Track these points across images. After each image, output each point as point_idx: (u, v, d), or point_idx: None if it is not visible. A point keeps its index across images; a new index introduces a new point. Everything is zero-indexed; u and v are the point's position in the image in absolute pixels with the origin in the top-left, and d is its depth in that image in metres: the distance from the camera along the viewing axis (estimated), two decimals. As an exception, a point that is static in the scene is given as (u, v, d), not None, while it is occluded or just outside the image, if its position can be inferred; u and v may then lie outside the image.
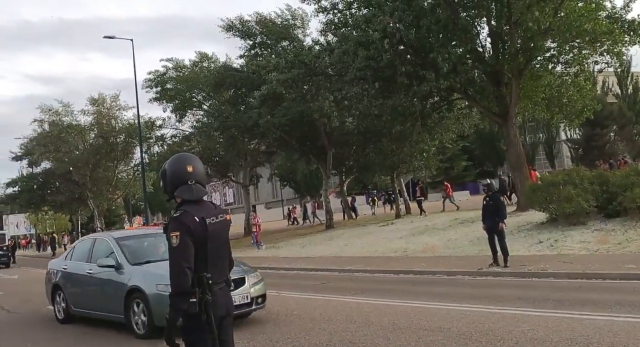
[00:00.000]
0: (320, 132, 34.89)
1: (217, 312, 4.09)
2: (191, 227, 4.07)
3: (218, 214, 4.29)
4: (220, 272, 4.22)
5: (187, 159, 4.42)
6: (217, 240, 4.21)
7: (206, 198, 4.45)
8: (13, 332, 11.26)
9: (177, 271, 4.00)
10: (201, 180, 4.36)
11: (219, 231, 4.25)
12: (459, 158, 64.13)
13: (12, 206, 69.53)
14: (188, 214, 4.12)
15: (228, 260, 4.41)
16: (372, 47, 23.97)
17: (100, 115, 48.81)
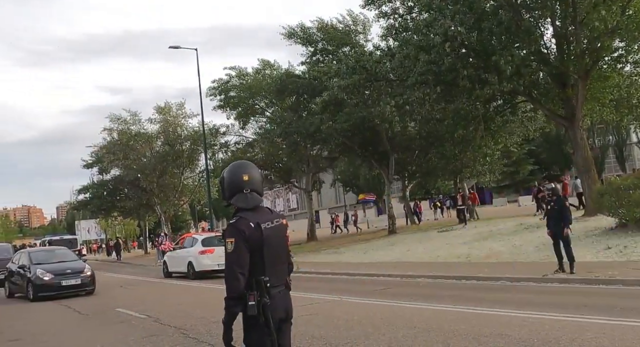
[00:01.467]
0: (382, 137, 34.82)
1: (276, 315, 4.19)
2: (246, 233, 4.18)
3: (274, 218, 4.37)
4: (278, 275, 4.32)
5: (244, 167, 4.52)
6: (273, 244, 4.29)
7: (265, 203, 4.56)
8: (84, 332, 11.66)
9: (230, 276, 4.13)
10: (257, 188, 4.44)
11: (274, 235, 4.32)
12: (524, 162, 62.91)
13: (84, 211, 71.86)
14: (243, 220, 4.24)
15: (287, 264, 4.49)
16: (434, 51, 23.82)
17: (166, 123, 49.96)
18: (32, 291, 19.05)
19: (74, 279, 19.43)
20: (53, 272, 19.28)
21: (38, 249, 25.99)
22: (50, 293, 18.94)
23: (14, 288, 21.13)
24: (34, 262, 20.00)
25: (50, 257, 21.13)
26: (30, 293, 19.19)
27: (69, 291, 19.29)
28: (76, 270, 19.93)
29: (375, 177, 51.72)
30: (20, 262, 20.86)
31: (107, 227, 78.26)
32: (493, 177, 39.31)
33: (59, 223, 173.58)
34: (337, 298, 13.69)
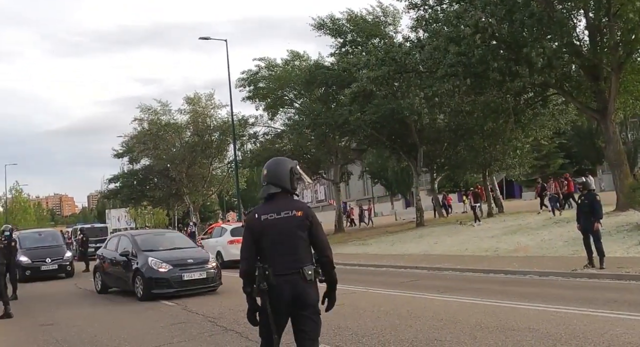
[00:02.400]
0: (411, 129, 34.67)
1: (280, 300, 4.55)
2: (250, 224, 4.74)
3: (282, 210, 4.68)
4: (285, 264, 4.58)
5: (267, 163, 4.97)
6: (274, 234, 4.63)
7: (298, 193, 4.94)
8: (114, 318, 11.86)
9: (240, 261, 4.79)
10: (273, 180, 4.79)
11: (277, 226, 4.64)
12: (555, 156, 62.10)
13: (114, 200, 72.79)
14: (252, 213, 4.81)
15: (301, 253, 4.68)
16: (464, 43, 23.62)
17: (195, 114, 50.30)
18: (142, 287, 14.55)
19: (197, 271, 14.81)
20: (171, 263, 14.66)
21: (144, 232, 22.19)
22: (167, 290, 14.30)
23: (110, 281, 16.84)
24: (143, 248, 15.48)
25: (162, 243, 16.47)
26: (139, 289, 14.68)
27: (193, 288, 14.61)
28: (199, 260, 15.28)
29: (403, 169, 51.53)
30: (120, 248, 16.27)
31: (136, 216, 79.14)
32: (523, 170, 38.93)
33: (89, 212, 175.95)
34: (363, 289, 13.72)
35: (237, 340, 8.74)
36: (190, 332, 9.73)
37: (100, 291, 16.93)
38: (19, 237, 23.96)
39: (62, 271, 24.00)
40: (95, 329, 10.69)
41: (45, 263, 23.27)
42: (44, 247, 24.24)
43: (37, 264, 23.07)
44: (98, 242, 38.56)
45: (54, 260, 23.52)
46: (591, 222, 13.61)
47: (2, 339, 10.56)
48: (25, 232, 28.08)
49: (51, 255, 23.74)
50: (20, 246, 22.66)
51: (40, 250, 23.85)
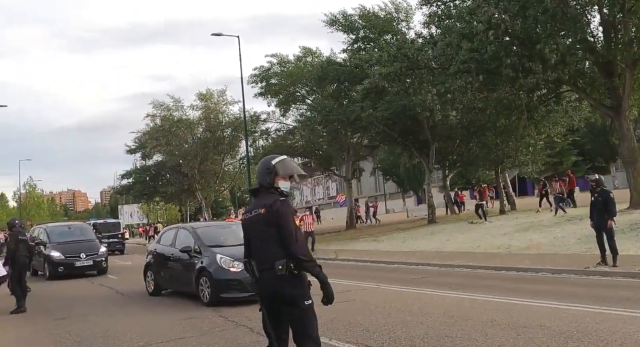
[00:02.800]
0: (423, 126, 34.59)
1: (263, 293, 4.86)
2: (241, 222, 5.22)
3: (253, 208, 4.97)
4: (262, 259, 4.84)
5: None
6: (251, 231, 4.97)
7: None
8: (126, 313, 11.93)
9: None
10: (258, 179, 5.06)
11: (252, 223, 4.95)
12: (568, 153, 61.82)
13: (127, 196, 73.19)
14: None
15: (272, 248, 4.76)
16: (476, 39, 23.53)
17: (208, 110, 50.46)
18: (209, 291, 12.14)
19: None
20: (241, 260, 12.20)
21: (206, 224, 18.79)
22: (240, 295, 11.82)
23: (166, 282, 14.52)
24: (208, 243, 13.17)
25: (228, 237, 13.64)
26: (205, 294, 12.24)
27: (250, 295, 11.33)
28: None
29: (415, 166, 51.45)
30: (179, 243, 13.87)
31: (149, 212, 79.54)
32: (535, 167, 38.73)
33: (102, 207, 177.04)
34: (375, 286, 13.72)
35: (248, 335, 8.76)
36: (201, 327, 9.77)
37: (152, 293, 14.65)
38: (47, 231, 23.46)
39: (97, 267, 22.28)
40: (108, 324, 10.75)
41: (79, 259, 21.69)
42: (76, 242, 22.62)
43: (71, 259, 21.54)
44: (111, 238, 39.04)
45: (88, 256, 21.97)
46: (604, 220, 13.53)
47: (15, 333, 10.65)
48: (54, 226, 26.54)
49: (85, 250, 22.12)
50: (50, 240, 22.24)
51: (72, 245, 22.21)
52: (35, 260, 20.25)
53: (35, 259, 20.50)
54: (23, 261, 14.05)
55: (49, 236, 22.94)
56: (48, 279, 21.08)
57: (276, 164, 4.96)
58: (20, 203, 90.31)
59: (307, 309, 4.71)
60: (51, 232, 23.57)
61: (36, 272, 23.04)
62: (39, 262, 22.33)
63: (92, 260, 21.95)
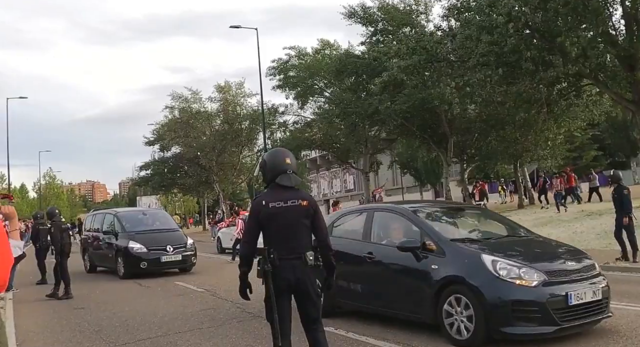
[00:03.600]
0: (442, 120, 34.44)
1: (280, 282, 4.90)
2: (257, 210, 5.04)
3: (289, 199, 5.01)
4: (289, 249, 4.92)
5: (285, 152, 5.26)
6: (281, 221, 4.95)
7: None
8: (145, 303, 12.02)
9: (241, 243, 5.46)
10: (296, 170, 5.21)
11: (284, 213, 4.97)
12: (588, 147, 61.21)
13: (145, 188, 73.65)
14: (259, 198, 5.09)
15: (304, 239, 5.04)
16: (496, 32, 23.32)
17: (226, 102, 50.58)
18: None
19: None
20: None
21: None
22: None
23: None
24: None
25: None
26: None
27: None
28: None
29: (433, 159, 51.19)
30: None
31: (167, 204, 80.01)
32: (555, 162, 38.44)
33: (121, 198, 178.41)
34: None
35: (265, 326, 8.73)
36: (219, 318, 9.83)
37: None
38: (119, 217, 18.95)
39: (186, 263, 17.89)
40: (127, 314, 10.85)
41: (166, 252, 17.41)
42: (158, 231, 18.54)
43: (156, 253, 17.28)
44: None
45: (176, 249, 17.65)
46: (621, 216, 13.43)
47: (34, 322, 10.78)
48: (125, 211, 21.75)
49: (171, 242, 17.81)
50: (124, 229, 18.02)
51: (154, 235, 18.11)
52: (92, 254, 19.02)
53: (93, 254, 18.97)
54: (68, 249, 14.38)
55: (122, 224, 18.34)
56: (122, 278, 17.08)
57: None
58: (40, 194, 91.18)
59: (320, 296, 5.20)
60: (124, 218, 18.92)
61: (95, 268, 19.52)
62: (98, 256, 19.11)
63: (180, 255, 17.63)
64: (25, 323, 10.56)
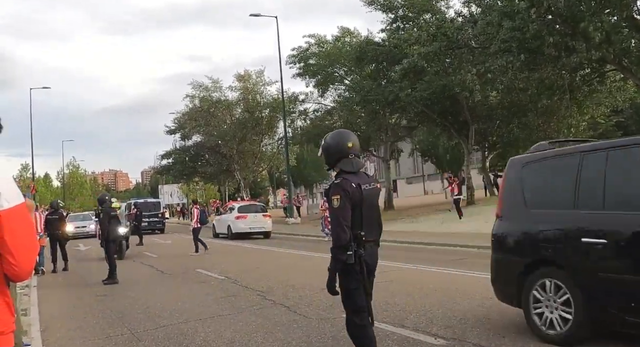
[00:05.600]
0: (463, 107, 34.19)
1: (368, 264, 4.84)
2: (350, 192, 4.75)
3: (370, 182, 4.99)
4: (371, 231, 4.91)
5: (348, 135, 5.18)
6: (369, 204, 4.90)
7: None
8: (166, 290, 12.13)
9: (338, 228, 4.70)
10: (358, 154, 5.11)
11: (371, 196, 4.94)
12: (612, 134, 60.39)
13: (167, 176, 74.15)
14: (347, 181, 4.80)
15: (378, 222, 5.10)
16: (518, 17, 23.07)
17: (246, 91, 50.61)
18: None
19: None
20: None
21: None
22: None
23: None
24: None
25: None
26: None
27: None
28: None
29: (454, 147, 50.89)
30: None
31: (188, 192, 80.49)
32: (578, 149, 38.02)
33: (143, 187, 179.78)
34: (412, 267, 13.70)
35: (285, 314, 8.83)
36: (239, 305, 9.89)
37: None
38: None
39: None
40: (148, 301, 10.95)
41: None
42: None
43: None
44: (151, 217, 39.59)
45: None
46: None
47: (58, 308, 10.92)
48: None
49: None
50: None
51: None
52: None
53: None
54: (114, 235, 14.72)
55: None
56: None
57: None
58: (64, 183, 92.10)
59: None
60: None
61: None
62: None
63: None
64: (49, 309, 10.70)
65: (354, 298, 4.81)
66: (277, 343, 7.15)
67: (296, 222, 39.47)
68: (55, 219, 17.68)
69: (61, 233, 17.93)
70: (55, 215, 17.90)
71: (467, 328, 7.25)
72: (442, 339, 6.84)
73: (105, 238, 14.49)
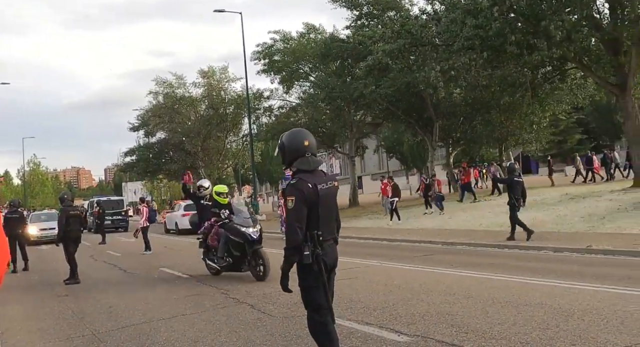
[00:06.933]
0: (427, 104, 34.46)
1: (327, 263, 4.85)
2: (305, 192, 4.75)
3: (327, 180, 4.97)
4: (329, 231, 4.94)
5: (304, 134, 5.09)
6: (326, 203, 4.89)
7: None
8: (129, 290, 11.98)
9: (291, 230, 4.75)
10: (315, 152, 5.04)
11: (328, 195, 4.93)
12: (572, 131, 61.58)
13: (130, 173, 73.27)
14: (303, 181, 4.79)
15: (336, 221, 5.13)
16: (481, 16, 23.32)
17: (210, 87, 50.26)
18: None
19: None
20: None
21: None
22: None
23: None
24: None
25: None
26: None
27: None
28: None
29: (419, 143, 51.34)
30: None
31: (152, 189, 79.70)
32: (539, 146, 38.62)
33: (106, 185, 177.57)
34: (377, 263, 13.75)
35: (249, 312, 8.79)
36: (203, 304, 9.81)
37: None
38: None
39: None
40: (111, 301, 10.80)
41: None
42: None
43: None
44: (114, 215, 39.12)
45: None
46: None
47: (18, 310, 10.71)
48: None
49: None
50: None
51: None
52: None
53: None
54: (74, 235, 14.30)
55: None
56: None
57: None
58: (24, 181, 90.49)
59: None
60: None
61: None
62: None
63: None
64: (8, 311, 10.49)
65: (313, 296, 4.87)
66: (241, 342, 7.11)
67: (262, 219, 39.37)
68: (15, 218, 17.35)
69: (22, 233, 17.61)
70: (15, 214, 17.59)
71: (431, 324, 7.28)
72: (406, 335, 6.86)
73: (64, 237, 14.17)
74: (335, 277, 5.17)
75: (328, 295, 4.85)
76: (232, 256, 12.30)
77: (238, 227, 12.16)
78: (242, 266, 12.25)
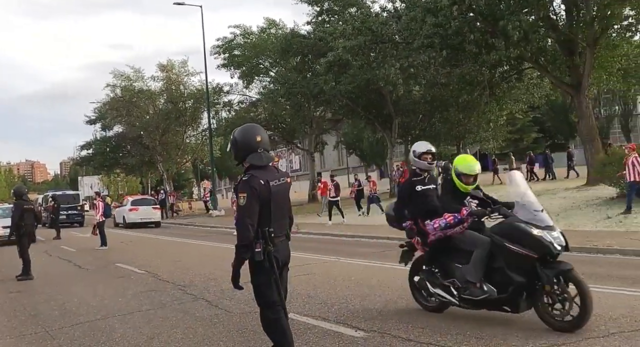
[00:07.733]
0: (386, 100, 34.64)
1: (279, 259, 4.88)
2: (257, 189, 4.74)
3: (280, 177, 4.97)
4: (281, 227, 4.95)
5: (256, 129, 5.07)
6: (278, 200, 4.89)
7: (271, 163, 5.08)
8: (84, 286, 11.78)
9: (242, 227, 4.74)
10: (267, 148, 5.03)
11: (280, 192, 4.92)
12: (529, 129, 62.56)
13: (87, 167, 72.08)
14: (255, 178, 4.79)
15: (288, 217, 5.15)
16: (441, 14, 23.53)
17: (169, 81, 49.65)
18: None
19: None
20: None
21: None
22: None
23: None
24: None
25: None
26: None
27: None
28: None
29: (378, 140, 51.62)
30: None
31: (109, 184, 78.53)
32: (496, 143, 39.20)
33: (62, 179, 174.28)
34: (334, 259, 13.78)
35: (206, 308, 8.73)
36: (160, 300, 9.70)
37: None
38: None
39: None
40: (65, 297, 10.61)
41: None
42: None
43: None
44: (69, 209, 38.37)
45: None
46: None
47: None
48: None
49: None
50: None
51: None
52: None
53: None
54: (29, 230, 14.00)
55: None
56: None
57: None
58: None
59: None
60: None
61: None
62: None
63: None
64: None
65: (265, 293, 4.88)
66: (198, 338, 7.06)
67: (220, 214, 39.13)
68: None
69: None
70: None
71: (388, 320, 7.33)
72: (363, 331, 6.89)
73: (17, 232, 13.88)
74: (293, 273, 5.26)
75: (281, 291, 4.87)
76: (503, 283, 6.52)
77: (525, 228, 6.49)
78: (518, 302, 6.49)
